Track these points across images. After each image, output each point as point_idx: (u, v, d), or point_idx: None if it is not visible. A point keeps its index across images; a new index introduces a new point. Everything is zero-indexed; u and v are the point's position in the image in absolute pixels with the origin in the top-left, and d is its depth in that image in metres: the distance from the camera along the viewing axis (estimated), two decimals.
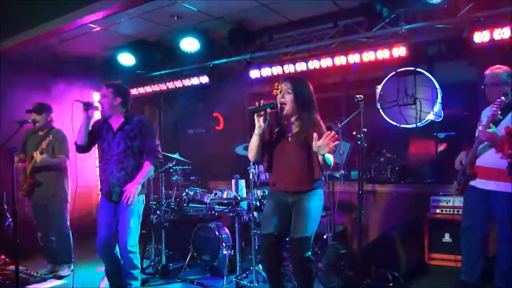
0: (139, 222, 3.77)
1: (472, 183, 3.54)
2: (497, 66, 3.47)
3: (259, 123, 3.06)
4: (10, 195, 3.10)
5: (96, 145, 3.86)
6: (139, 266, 3.87)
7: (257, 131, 3.10)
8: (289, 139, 3.18)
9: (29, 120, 4.49)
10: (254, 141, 3.14)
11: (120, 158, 3.66)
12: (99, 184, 3.87)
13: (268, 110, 3.04)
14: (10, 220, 4.90)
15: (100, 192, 3.82)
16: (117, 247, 3.74)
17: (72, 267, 4.67)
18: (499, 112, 3.21)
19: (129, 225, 3.65)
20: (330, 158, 2.90)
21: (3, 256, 4.98)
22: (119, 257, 3.76)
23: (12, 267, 4.62)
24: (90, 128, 3.75)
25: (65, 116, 4.88)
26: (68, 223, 4.72)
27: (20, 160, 4.60)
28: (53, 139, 4.52)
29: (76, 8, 4.14)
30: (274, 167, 3.24)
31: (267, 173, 4.69)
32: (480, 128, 3.34)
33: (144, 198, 3.83)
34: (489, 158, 3.38)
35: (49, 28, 4.39)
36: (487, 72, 3.51)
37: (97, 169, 4.87)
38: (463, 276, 3.64)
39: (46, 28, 4.40)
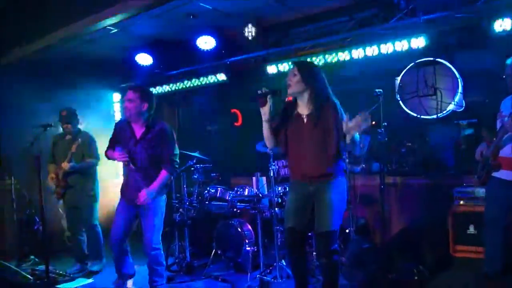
0: (162, 221, 3.84)
1: (495, 174, 3.49)
2: None
3: (263, 110, 3.15)
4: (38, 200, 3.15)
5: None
6: (164, 263, 3.96)
7: (264, 117, 3.19)
8: (304, 120, 3.18)
9: (51, 124, 4.59)
10: (265, 129, 3.23)
11: (145, 166, 3.72)
12: (122, 186, 3.93)
13: (269, 96, 3.12)
14: (39, 223, 5.04)
15: (121, 194, 3.89)
16: (127, 241, 3.89)
17: (102, 263, 4.87)
18: None
19: (153, 224, 3.74)
20: (357, 135, 2.94)
21: (32, 257, 5.13)
22: (128, 250, 3.93)
23: (42, 267, 4.76)
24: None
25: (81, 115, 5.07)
26: (98, 221, 4.86)
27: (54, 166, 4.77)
28: (82, 142, 4.63)
29: (95, 12, 4.20)
30: (290, 151, 3.26)
31: (286, 168, 4.74)
32: (506, 119, 3.28)
33: (165, 197, 3.93)
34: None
35: (68, 33, 4.46)
36: (508, 62, 3.46)
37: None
38: (486, 268, 3.62)
39: (65, 33, 4.46)
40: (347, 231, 4.54)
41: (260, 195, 4.40)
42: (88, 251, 4.91)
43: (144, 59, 6.02)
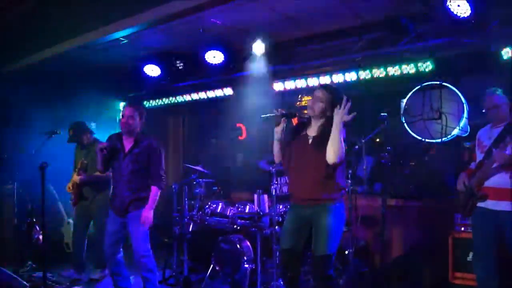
0: (147, 229, 3.91)
1: (480, 204, 3.50)
2: (493, 88, 3.62)
3: (276, 129, 3.30)
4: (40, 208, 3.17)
5: None
6: (155, 270, 3.97)
7: (276, 136, 3.32)
8: (309, 142, 3.21)
9: (57, 132, 4.64)
10: (275, 145, 3.36)
11: (129, 178, 3.85)
12: (110, 197, 4.06)
13: (282, 119, 3.26)
14: (39, 232, 5.06)
15: (110, 205, 4.00)
16: (121, 252, 4.00)
17: (104, 273, 4.89)
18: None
19: (140, 232, 3.84)
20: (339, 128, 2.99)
21: (29, 262, 5.14)
22: (123, 262, 4.01)
23: (39, 274, 4.77)
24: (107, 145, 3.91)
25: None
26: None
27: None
28: (95, 154, 4.66)
29: (106, 24, 4.25)
30: (290, 172, 3.32)
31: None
32: (494, 151, 3.35)
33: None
34: (499, 178, 3.36)
35: (77, 42, 4.52)
36: (486, 96, 3.63)
37: None
38: None
39: (74, 42, 4.52)
40: (346, 252, 4.51)
41: (261, 213, 4.38)
42: (92, 259, 4.97)
43: (152, 70, 6.05)
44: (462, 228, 4.42)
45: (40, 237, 5.05)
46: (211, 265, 4.65)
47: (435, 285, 4.15)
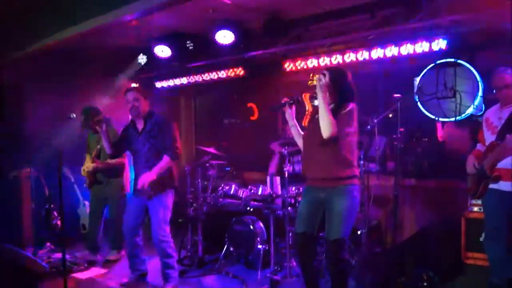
0: (168, 214, 3.99)
1: (493, 186, 3.48)
2: (503, 68, 3.52)
3: (287, 116, 3.42)
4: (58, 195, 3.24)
5: None
6: (174, 255, 4.07)
7: (290, 123, 3.45)
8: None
9: (72, 116, 4.66)
10: (292, 132, 3.48)
11: (147, 157, 3.94)
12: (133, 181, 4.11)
13: (287, 106, 3.37)
14: (57, 218, 5.19)
15: (131, 188, 4.16)
16: (141, 235, 4.13)
17: (120, 254, 5.03)
18: None
19: (158, 217, 3.92)
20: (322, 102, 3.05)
21: (48, 244, 5.28)
22: (141, 245, 4.16)
23: (57, 255, 4.92)
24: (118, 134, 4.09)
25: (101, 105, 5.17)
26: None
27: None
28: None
29: (117, 7, 4.23)
30: (303, 154, 3.40)
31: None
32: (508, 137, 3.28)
33: (173, 192, 4.08)
34: (511, 160, 3.34)
35: (89, 26, 4.50)
36: (497, 75, 3.55)
37: None
38: (493, 277, 3.64)
39: (86, 26, 4.51)
40: (358, 232, 4.54)
41: (274, 195, 4.41)
42: (109, 240, 5.09)
43: (162, 51, 6.02)
44: (475, 209, 4.41)
45: (59, 222, 5.19)
46: (225, 246, 4.73)
47: (447, 265, 4.17)
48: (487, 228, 3.65)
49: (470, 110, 4.89)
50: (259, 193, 4.51)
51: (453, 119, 4.98)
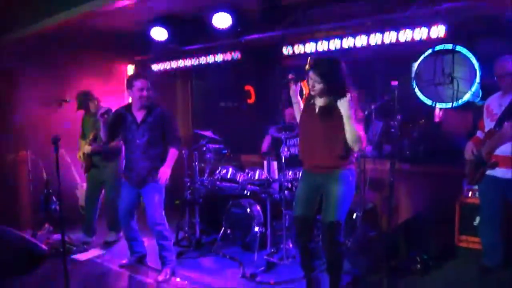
0: (162, 198, 4.03)
1: (490, 172, 3.57)
2: (505, 56, 3.59)
3: (292, 92, 3.46)
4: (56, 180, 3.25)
5: None
6: (170, 237, 4.11)
7: (293, 99, 3.50)
8: (316, 111, 3.26)
9: (67, 100, 4.66)
10: (295, 108, 3.55)
11: (145, 148, 3.92)
12: (124, 168, 4.15)
13: (292, 82, 3.42)
14: (56, 203, 5.20)
15: (123, 176, 4.13)
16: (135, 218, 4.20)
17: (118, 235, 5.07)
18: None
19: (154, 201, 3.96)
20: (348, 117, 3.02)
21: (47, 225, 5.31)
22: (136, 229, 4.23)
23: (56, 236, 4.96)
24: (110, 121, 3.99)
25: (96, 89, 5.14)
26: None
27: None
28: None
29: None
30: (301, 139, 3.44)
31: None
32: (506, 125, 3.37)
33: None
34: (509, 147, 3.40)
35: (83, 10, 4.46)
36: (498, 63, 3.63)
37: None
38: (485, 260, 3.78)
39: (79, 10, 4.46)
40: (354, 216, 4.60)
41: (271, 179, 4.45)
42: (107, 222, 5.13)
43: (159, 33, 5.97)
44: (470, 194, 4.48)
45: (57, 207, 5.22)
46: (222, 228, 4.78)
47: (441, 248, 4.25)
48: (482, 213, 3.73)
49: (467, 97, 4.92)
50: (256, 177, 4.53)
51: (450, 105, 5.02)
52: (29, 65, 5.47)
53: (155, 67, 6.76)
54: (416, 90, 5.15)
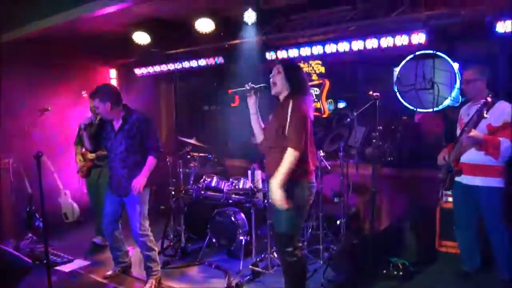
0: (146, 208, 4.00)
1: (457, 179, 3.70)
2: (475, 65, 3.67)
3: (250, 103, 3.25)
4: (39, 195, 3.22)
5: None
6: (155, 248, 4.09)
7: (251, 110, 3.26)
8: (270, 118, 3.25)
9: (48, 108, 4.60)
10: (252, 122, 3.29)
11: (123, 156, 3.90)
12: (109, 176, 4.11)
13: (251, 92, 3.20)
14: (39, 220, 5.14)
15: (108, 184, 4.09)
16: (120, 227, 4.18)
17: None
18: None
19: (137, 211, 3.93)
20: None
21: (30, 235, 5.26)
22: (121, 236, 4.22)
23: (40, 247, 4.91)
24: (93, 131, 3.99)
25: (77, 94, 5.07)
26: None
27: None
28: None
29: None
30: (263, 147, 3.30)
31: None
32: (463, 136, 3.44)
33: (149, 190, 4.04)
34: (473, 155, 3.53)
35: (70, 16, 4.40)
36: (464, 73, 3.71)
37: None
38: (464, 265, 3.89)
39: (62, 18, 4.40)
40: (338, 222, 4.65)
41: (255, 189, 4.47)
42: (96, 225, 5.11)
43: (141, 37, 5.93)
44: (450, 199, 4.55)
45: (41, 224, 5.17)
46: (207, 236, 4.80)
47: (422, 253, 4.33)
48: (456, 218, 3.86)
49: (447, 102, 5.01)
50: (241, 186, 4.55)
51: (430, 110, 5.10)
52: (10, 70, 5.37)
53: (138, 71, 6.71)
54: (398, 95, 5.22)
